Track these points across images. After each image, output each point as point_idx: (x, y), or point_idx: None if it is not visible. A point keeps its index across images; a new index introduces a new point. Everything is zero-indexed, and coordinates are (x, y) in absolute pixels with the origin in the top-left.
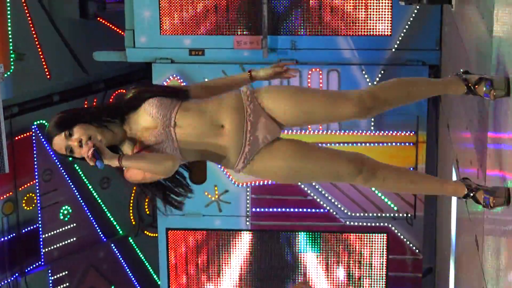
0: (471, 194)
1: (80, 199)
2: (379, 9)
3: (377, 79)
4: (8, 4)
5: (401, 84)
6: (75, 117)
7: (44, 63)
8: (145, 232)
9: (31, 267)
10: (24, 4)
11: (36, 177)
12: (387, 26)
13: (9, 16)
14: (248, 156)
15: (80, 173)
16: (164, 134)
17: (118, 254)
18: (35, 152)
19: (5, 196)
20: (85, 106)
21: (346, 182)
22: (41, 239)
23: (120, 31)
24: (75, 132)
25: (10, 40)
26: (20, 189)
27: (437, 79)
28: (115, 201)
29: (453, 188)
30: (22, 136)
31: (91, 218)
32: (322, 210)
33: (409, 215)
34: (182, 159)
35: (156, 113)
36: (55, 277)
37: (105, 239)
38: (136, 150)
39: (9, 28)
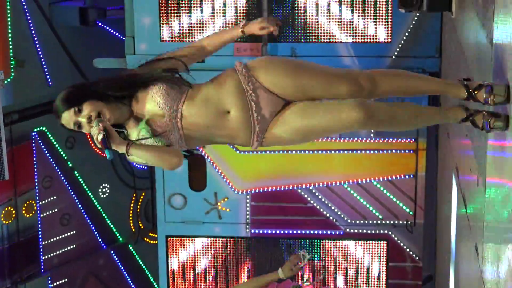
0: (470, 118)
1: (80, 206)
2: (379, 16)
3: None
4: (9, 11)
5: (402, 75)
6: (85, 93)
7: (44, 70)
8: (145, 239)
9: (31, 274)
10: (25, 11)
11: (36, 184)
12: (387, 33)
13: (9, 23)
14: (261, 134)
15: (80, 180)
16: (170, 125)
17: (118, 261)
18: (35, 159)
19: (5, 203)
20: (93, 81)
21: (357, 129)
22: (40, 246)
23: (120, 38)
24: (85, 108)
25: (11, 46)
26: (20, 196)
27: (439, 79)
28: (115, 208)
29: (453, 113)
30: (22, 143)
31: (91, 225)
32: (322, 217)
33: (409, 222)
34: (186, 147)
35: (163, 103)
36: (55, 284)
37: (105, 246)
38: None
39: (9, 35)
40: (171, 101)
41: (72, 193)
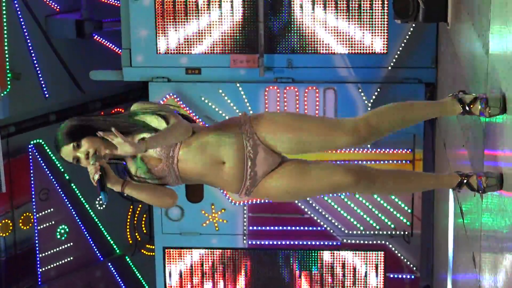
0: (465, 181)
1: (77, 218)
2: (375, 27)
3: (373, 97)
4: (5, 24)
5: (397, 111)
6: (84, 129)
7: (41, 82)
8: (142, 251)
9: (28, 287)
10: (21, 24)
11: (33, 196)
12: (383, 44)
13: (5, 36)
14: (250, 188)
15: (77, 192)
16: (167, 170)
17: (115, 273)
18: (31, 171)
19: (1, 215)
20: (93, 116)
21: (348, 191)
22: (38, 259)
23: (116, 51)
24: (83, 144)
25: (7, 59)
26: (17, 208)
27: (433, 102)
28: (112, 220)
29: (448, 179)
30: (18, 155)
31: (88, 238)
32: (319, 228)
33: (406, 232)
34: (182, 183)
35: (159, 151)
36: None
37: (102, 258)
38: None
39: (6, 48)
40: (167, 148)
41: (69, 205)
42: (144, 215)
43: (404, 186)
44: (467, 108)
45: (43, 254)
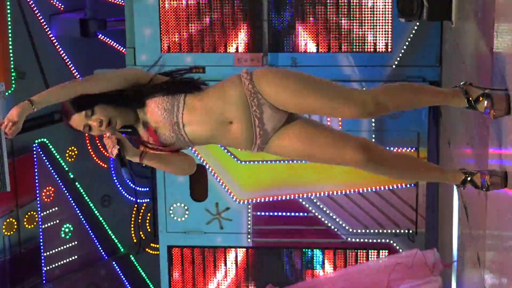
0: (469, 179)
1: (81, 217)
2: (379, 26)
3: None
4: (9, 23)
5: (406, 92)
6: (95, 97)
7: (45, 81)
8: (147, 249)
9: (33, 286)
10: (25, 23)
11: (37, 195)
12: (388, 42)
13: (10, 35)
14: (261, 145)
15: (82, 191)
16: (175, 137)
17: (119, 272)
18: (36, 170)
19: (6, 214)
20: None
21: (355, 168)
22: (42, 257)
23: (121, 49)
24: (96, 112)
25: (11, 58)
26: (22, 207)
27: (442, 89)
28: (116, 219)
29: (452, 175)
30: (23, 154)
31: (93, 236)
32: (323, 227)
33: (410, 231)
34: (195, 146)
35: (163, 118)
36: None
37: (106, 257)
38: (150, 134)
39: (10, 47)
40: (171, 114)
41: (73, 204)
42: (149, 214)
43: (410, 174)
44: (472, 103)
45: (48, 253)
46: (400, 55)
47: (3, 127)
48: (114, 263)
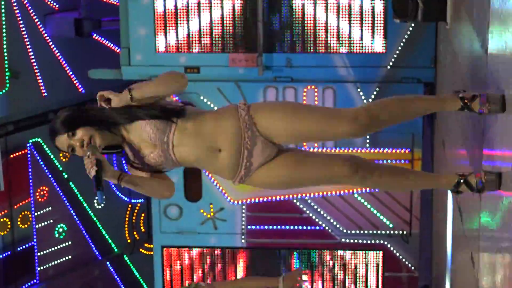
0: (462, 180)
1: (75, 217)
2: (374, 26)
3: (372, 96)
4: (4, 22)
5: (398, 102)
6: (79, 119)
7: (39, 81)
8: (141, 250)
9: (26, 285)
10: (19, 22)
11: (31, 195)
12: (382, 43)
13: (4, 34)
14: (244, 177)
15: (76, 191)
16: (163, 156)
17: (113, 272)
18: (30, 170)
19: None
20: (87, 107)
21: (344, 183)
22: (36, 257)
23: (115, 49)
24: (78, 133)
25: (5, 58)
26: (15, 207)
27: (433, 96)
28: (111, 219)
29: (446, 180)
30: (17, 154)
31: (87, 236)
32: (317, 228)
33: (404, 232)
34: (182, 166)
35: (154, 137)
36: None
37: (100, 257)
38: (134, 153)
39: (4, 46)
40: (162, 134)
41: (67, 204)
42: (143, 214)
43: (400, 183)
44: (467, 103)
45: (42, 253)
46: (395, 56)
47: (99, 96)
48: (108, 263)
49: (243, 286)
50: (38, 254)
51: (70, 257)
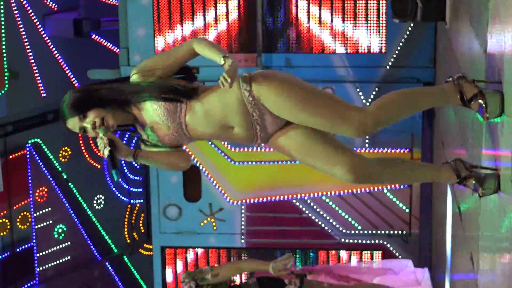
0: (463, 183)
1: (74, 217)
2: (373, 26)
3: (372, 96)
4: (3, 23)
5: (403, 104)
6: (90, 101)
7: (38, 81)
8: (140, 250)
9: (26, 286)
10: (19, 23)
11: (31, 195)
12: (382, 43)
13: (3, 35)
14: (262, 142)
15: (75, 191)
16: (178, 136)
17: (113, 272)
18: (29, 170)
19: None
20: (98, 85)
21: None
22: (35, 258)
23: (114, 50)
24: (89, 115)
25: (5, 58)
26: (15, 207)
27: (435, 89)
28: (110, 219)
29: (446, 176)
30: (16, 154)
31: (86, 237)
32: (317, 228)
33: (404, 232)
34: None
35: (166, 120)
36: None
37: (100, 258)
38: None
39: (3, 47)
40: (173, 115)
41: (67, 204)
42: (142, 214)
43: (403, 175)
44: (466, 103)
45: (41, 254)
46: (394, 56)
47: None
48: (107, 263)
49: (240, 267)
50: (38, 254)
51: (69, 257)
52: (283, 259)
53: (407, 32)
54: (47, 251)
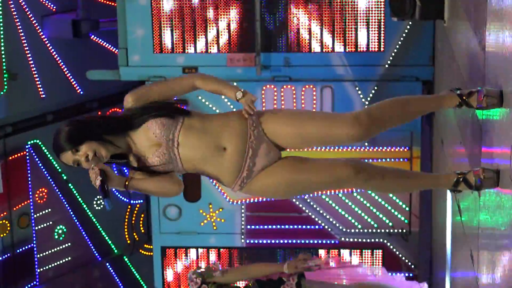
0: (461, 179)
1: (74, 218)
2: (371, 25)
3: (371, 95)
4: (1, 24)
5: (397, 105)
6: (82, 134)
7: (37, 82)
8: (140, 250)
9: (27, 287)
10: (17, 24)
11: (30, 196)
12: (380, 42)
13: (2, 36)
14: (245, 180)
15: (75, 192)
16: (167, 155)
17: (113, 273)
18: (29, 171)
19: None
20: (89, 118)
21: (346, 186)
22: (36, 259)
23: (113, 50)
24: (81, 149)
25: (3, 59)
26: (15, 209)
27: (431, 96)
28: (110, 220)
29: (445, 180)
30: (16, 155)
31: (86, 238)
32: (317, 227)
33: (404, 231)
34: (185, 171)
35: (159, 134)
36: None
37: (100, 259)
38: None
39: (2, 48)
40: (167, 130)
41: (66, 205)
42: (142, 215)
43: (402, 185)
44: (465, 99)
45: (41, 255)
46: (393, 54)
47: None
48: (108, 264)
49: (250, 273)
50: (38, 256)
51: (70, 258)
52: (297, 259)
53: (406, 31)
54: (47, 252)
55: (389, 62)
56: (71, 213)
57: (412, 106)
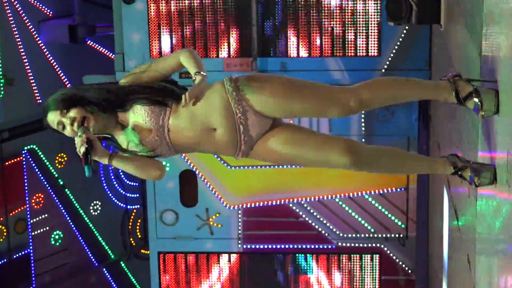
0: (459, 173)
1: (71, 224)
2: (368, 30)
3: None
4: None
5: (390, 88)
6: (75, 100)
7: (34, 87)
8: (137, 255)
9: None
10: (13, 29)
11: (27, 202)
12: (377, 46)
13: None
14: (246, 151)
15: (71, 198)
16: (159, 140)
17: (110, 278)
18: (25, 177)
19: None
20: (85, 87)
21: (339, 168)
22: (32, 264)
23: (110, 55)
24: (71, 111)
25: (0, 65)
26: (11, 214)
27: (428, 83)
28: (107, 225)
29: (442, 168)
30: (12, 161)
31: (83, 243)
32: (314, 232)
33: (401, 235)
34: (176, 154)
35: (149, 120)
36: None
37: (96, 264)
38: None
39: None
40: (157, 117)
41: (63, 210)
42: (139, 220)
43: (398, 165)
44: (462, 100)
45: (38, 260)
46: (390, 59)
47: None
48: (104, 269)
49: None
50: (35, 261)
51: (66, 263)
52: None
53: (402, 35)
54: (44, 258)
55: (385, 66)
56: (68, 218)
57: (406, 93)
